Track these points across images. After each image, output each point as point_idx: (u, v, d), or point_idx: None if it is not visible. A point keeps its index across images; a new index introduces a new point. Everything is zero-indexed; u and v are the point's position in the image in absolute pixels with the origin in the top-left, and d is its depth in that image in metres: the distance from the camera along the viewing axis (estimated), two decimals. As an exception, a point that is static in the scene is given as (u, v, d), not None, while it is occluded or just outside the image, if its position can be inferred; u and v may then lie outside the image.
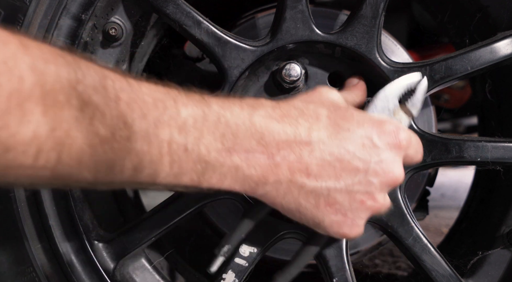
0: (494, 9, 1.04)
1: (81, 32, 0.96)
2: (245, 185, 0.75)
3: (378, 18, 0.95)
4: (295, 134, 0.77)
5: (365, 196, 0.80)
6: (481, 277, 1.07)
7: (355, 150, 0.79)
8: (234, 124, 0.74)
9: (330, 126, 0.79)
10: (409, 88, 0.91)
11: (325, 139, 0.78)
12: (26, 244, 0.96)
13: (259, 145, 0.74)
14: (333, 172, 0.78)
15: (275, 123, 0.76)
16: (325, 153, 0.77)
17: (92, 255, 0.99)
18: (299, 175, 0.77)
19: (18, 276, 0.97)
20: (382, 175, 0.80)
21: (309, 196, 0.78)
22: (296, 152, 0.76)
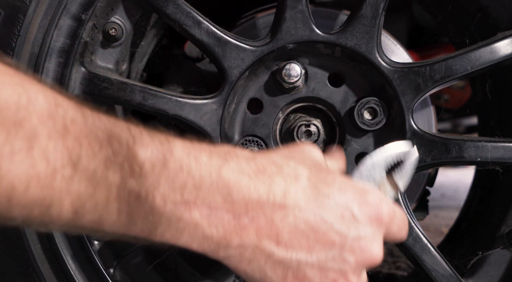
0: (494, 9, 1.04)
1: (81, 32, 0.96)
2: (204, 245, 0.67)
3: (378, 18, 0.95)
4: (268, 194, 0.68)
5: (337, 275, 0.72)
6: (481, 277, 1.07)
7: (333, 220, 0.70)
8: (198, 176, 0.65)
9: (309, 189, 0.71)
10: (398, 159, 0.82)
11: (302, 205, 0.69)
12: (26, 244, 0.96)
13: (225, 202, 0.66)
14: (306, 243, 0.69)
15: (246, 179, 0.68)
16: (299, 220, 0.69)
17: (92, 255, 0.99)
18: (268, 241, 0.68)
19: (18, 276, 0.97)
20: (359, 253, 0.72)
21: (276, 267, 0.70)
22: (267, 215, 0.68)
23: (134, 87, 0.97)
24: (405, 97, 0.97)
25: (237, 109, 1.03)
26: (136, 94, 0.96)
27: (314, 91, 1.02)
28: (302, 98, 1.03)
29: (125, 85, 0.97)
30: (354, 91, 1.02)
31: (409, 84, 0.96)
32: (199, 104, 0.97)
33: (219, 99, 0.97)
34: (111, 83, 0.96)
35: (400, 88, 0.97)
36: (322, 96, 1.02)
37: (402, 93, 0.97)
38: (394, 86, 0.97)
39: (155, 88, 0.98)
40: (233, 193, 0.66)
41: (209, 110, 0.97)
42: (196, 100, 0.97)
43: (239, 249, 0.68)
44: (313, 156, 0.78)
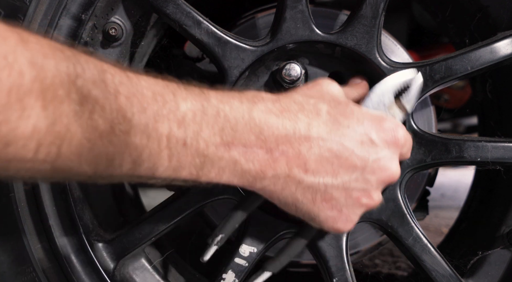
0: (494, 9, 1.04)
1: (81, 32, 0.96)
2: (243, 179, 0.76)
3: (378, 18, 0.95)
4: (294, 129, 0.77)
5: (361, 193, 0.81)
6: (481, 277, 1.07)
7: (354, 147, 0.79)
8: (233, 119, 0.73)
9: (329, 122, 0.79)
10: (404, 85, 0.91)
11: (324, 136, 0.78)
12: (26, 244, 0.96)
13: (258, 139, 0.74)
14: (331, 168, 0.78)
15: (274, 118, 0.76)
16: (323, 149, 0.78)
17: (92, 255, 0.99)
18: (297, 170, 0.77)
19: (18, 276, 0.97)
20: (379, 172, 0.81)
21: (306, 191, 0.79)
22: (295, 147, 0.76)
23: (134, 87, 0.97)
24: (405, 97, 0.96)
25: (237, 109, 1.03)
26: (136, 94, 0.96)
27: (314, 91, 1.02)
28: (302, 98, 1.03)
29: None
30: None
31: (409, 84, 0.96)
32: (199, 104, 0.97)
33: (219, 99, 0.97)
34: (111, 83, 0.96)
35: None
36: (322, 96, 1.02)
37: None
38: (394, 86, 0.96)
39: (155, 88, 0.98)
40: (264, 131, 0.75)
41: (209, 110, 0.97)
42: (196, 100, 0.97)
43: (273, 179, 0.77)
44: (331, 90, 0.85)
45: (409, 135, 0.88)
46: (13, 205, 0.95)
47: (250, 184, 0.77)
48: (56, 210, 0.98)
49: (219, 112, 0.73)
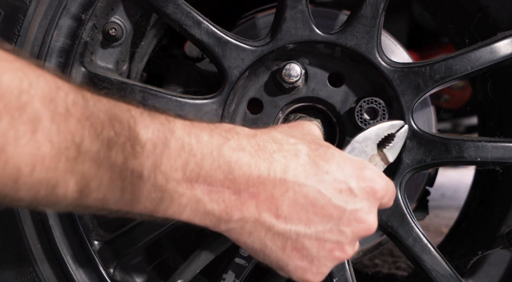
0: (494, 9, 1.04)
1: (81, 32, 0.96)
2: (206, 219, 0.70)
3: (378, 18, 0.95)
4: (269, 171, 0.71)
5: (334, 245, 0.76)
6: (481, 277, 1.07)
7: (331, 195, 0.74)
8: (199, 154, 0.67)
9: (308, 165, 0.74)
10: (388, 132, 0.89)
11: (302, 180, 0.72)
12: (26, 244, 0.96)
13: (226, 179, 0.68)
14: (305, 216, 0.73)
15: (247, 157, 0.70)
16: (299, 195, 0.72)
17: (92, 255, 0.99)
18: (267, 214, 0.71)
19: (18, 276, 0.97)
20: (355, 225, 0.76)
21: (276, 238, 0.73)
22: (267, 190, 0.71)
23: (134, 87, 0.97)
24: (405, 97, 0.97)
25: (237, 109, 1.03)
26: (136, 94, 0.96)
27: (314, 91, 1.02)
28: (302, 98, 1.03)
29: (125, 85, 0.97)
30: (354, 91, 1.02)
31: (409, 84, 0.96)
32: (199, 104, 0.97)
33: (219, 99, 0.97)
34: (111, 83, 0.96)
35: (400, 88, 0.97)
36: (322, 96, 1.02)
37: (402, 93, 0.97)
38: (394, 86, 0.97)
39: (155, 88, 0.98)
40: (234, 171, 0.69)
41: (209, 110, 0.97)
42: (196, 100, 0.97)
43: (240, 222, 0.71)
44: (313, 131, 0.83)
45: (391, 184, 0.83)
46: (13, 205, 0.95)
47: (214, 225, 0.71)
48: (56, 210, 0.98)
49: (183, 146, 0.66)
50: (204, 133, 0.69)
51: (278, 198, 0.71)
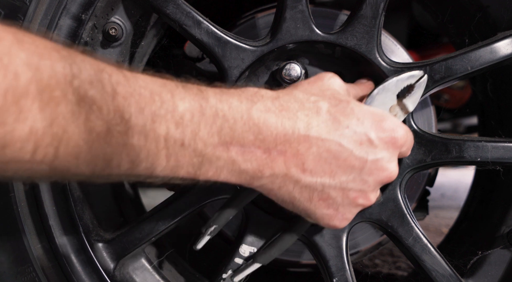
0: (494, 9, 1.04)
1: (81, 32, 0.96)
2: (241, 178, 0.76)
3: (378, 18, 0.95)
4: (293, 129, 0.76)
5: (358, 193, 0.82)
6: (481, 277, 1.07)
7: (353, 147, 0.79)
8: (231, 119, 0.73)
9: (329, 121, 0.79)
10: (408, 83, 0.91)
11: (324, 135, 0.78)
12: (26, 244, 0.96)
13: (256, 139, 0.74)
14: (329, 169, 0.79)
15: (273, 117, 0.76)
16: (322, 149, 0.78)
17: (92, 255, 0.99)
18: (295, 169, 0.77)
19: (18, 276, 0.97)
20: (376, 173, 0.82)
21: (303, 190, 0.79)
22: (293, 147, 0.76)
23: (134, 87, 0.97)
24: (405, 97, 0.97)
25: (237, 109, 1.03)
26: (136, 94, 0.96)
27: (314, 91, 1.02)
28: (302, 98, 1.03)
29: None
30: (354, 91, 1.02)
31: (409, 84, 0.96)
32: (199, 104, 0.97)
33: (219, 99, 0.97)
34: (111, 83, 0.96)
35: (400, 88, 0.96)
36: (322, 96, 1.02)
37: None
38: (394, 86, 0.96)
39: (155, 88, 0.98)
40: (263, 131, 0.74)
41: (209, 110, 0.97)
42: (196, 100, 0.97)
43: (270, 178, 0.77)
44: (333, 85, 0.85)
45: (410, 134, 0.87)
46: (13, 205, 0.95)
47: (248, 182, 0.77)
48: (56, 210, 0.98)
49: (217, 112, 0.72)
50: (234, 99, 0.75)
51: (303, 153, 0.77)
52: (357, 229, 1.17)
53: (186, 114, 0.70)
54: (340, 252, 0.97)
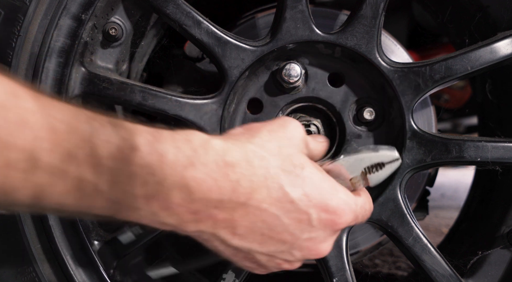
0: (494, 9, 1.04)
1: (81, 32, 0.96)
2: (163, 227, 0.70)
3: (378, 18, 0.95)
4: (231, 196, 0.70)
5: (283, 261, 0.80)
6: (481, 277, 1.07)
7: (290, 224, 0.74)
8: (161, 174, 0.65)
9: (274, 191, 0.73)
10: (380, 162, 0.87)
11: (264, 206, 0.72)
12: (26, 244, 0.96)
13: (184, 200, 0.67)
14: (260, 238, 0.74)
15: (211, 181, 0.68)
16: (258, 219, 0.73)
17: (92, 255, 0.99)
18: (223, 231, 0.72)
19: (18, 276, 0.97)
20: (306, 250, 0.78)
21: (229, 248, 0.75)
22: (227, 212, 0.70)
23: (134, 87, 0.97)
24: (405, 97, 0.97)
25: (237, 109, 1.03)
26: (136, 94, 0.96)
27: (314, 91, 1.02)
28: (302, 98, 1.03)
29: (125, 85, 0.97)
30: (354, 91, 1.02)
31: (409, 84, 0.96)
32: (199, 104, 0.97)
33: (219, 99, 0.97)
34: (111, 83, 0.96)
35: (400, 88, 0.97)
36: (322, 96, 1.02)
37: (402, 93, 0.97)
38: (394, 86, 0.97)
39: (155, 88, 0.98)
40: (195, 194, 0.67)
41: (209, 110, 0.97)
42: (196, 100, 0.97)
43: (196, 232, 0.72)
44: (295, 138, 0.80)
45: (366, 203, 0.85)
46: (13, 205, 0.95)
47: (172, 230, 0.71)
48: (56, 210, 0.98)
49: (146, 164, 0.64)
50: (170, 151, 0.66)
51: (237, 219, 0.72)
52: (357, 229, 1.17)
53: (108, 160, 0.61)
54: (340, 252, 0.97)
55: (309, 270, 1.42)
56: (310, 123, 1.03)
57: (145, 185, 0.64)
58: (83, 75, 0.97)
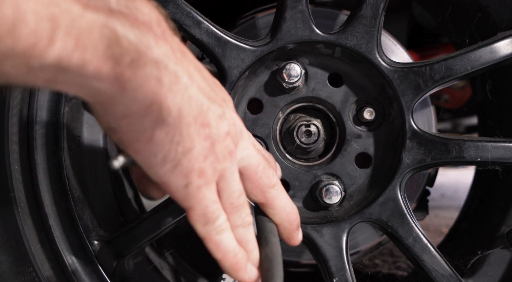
0: (494, 9, 1.04)
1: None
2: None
3: (378, 18, 0.95)
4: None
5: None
6: (481, 277, 1.07)
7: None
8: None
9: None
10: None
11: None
12: (26, 244, 0.96)
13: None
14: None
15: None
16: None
17: (92, 255, 0.99)
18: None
19: (18, 276, 0.97)
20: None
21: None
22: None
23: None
24: (405, 97, 0.97)
25: (237, 109, 1.03)
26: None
27: (314, 91, 1.02)
28: (302, 98, 1.03)
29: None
30: (354, 91, 1.02)
31: (409, 84, 0.96)
32: (199, 104, 0.97)
33: (219, 99, 0.97)
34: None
35: (400, 88, 0.97)
36: (322, 96, 1.02)
37: (402, 93, 0.97)
38: (394, 86, 0.97)
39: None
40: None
41: (209, 110, 0.97)
42: (196, 100, 0.97)
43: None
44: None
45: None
46: (13, 205, 0.95)
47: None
48: (56, 210, 0.98)
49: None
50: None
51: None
52: (357, 229, 1.17)
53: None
54: (340, 252, 0.97)
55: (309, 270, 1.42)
56: (310, 123, 1.03)
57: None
58: (83, 75, 0.97)
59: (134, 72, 0.58)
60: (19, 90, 0.95)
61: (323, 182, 1.02)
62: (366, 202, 1.01)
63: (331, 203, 1.01)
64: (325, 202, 1.01)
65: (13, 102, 0.94)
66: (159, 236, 0.99)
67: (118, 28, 0.57)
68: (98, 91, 0.59)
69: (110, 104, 0.61)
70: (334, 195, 1.01)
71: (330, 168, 1.04)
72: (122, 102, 0.60)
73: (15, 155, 0.95)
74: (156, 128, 0.62)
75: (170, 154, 0.64)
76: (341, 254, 0.97)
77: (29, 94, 0.95)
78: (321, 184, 1.02)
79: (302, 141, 1.02)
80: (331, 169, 1.04)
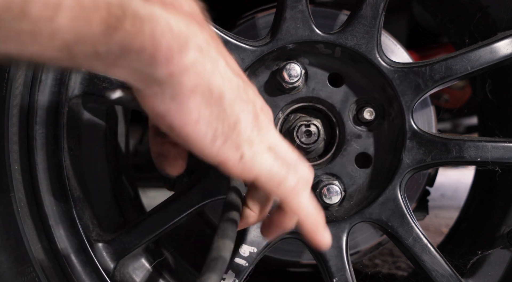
0: (494, 9, 1.04)
1: (81, 32, 0.96)
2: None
3: (378, 18, 0.95)
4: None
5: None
6: (481, 277, 1.07)
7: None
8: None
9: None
10: None
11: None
12: (26, 244, 0.96)
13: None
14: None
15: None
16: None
17: (92, 255, 0.99)
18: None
19: (18, 276, 0.97)
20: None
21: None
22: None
23: (134, 87, 0.97)
24: (405, 97, 0.97)
25: (237, 109, 1.02)
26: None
27: (314, 91, 1.02)
28: (302, 98, 1.03)
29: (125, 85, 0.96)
30: (354, 91, 1.02)
31: (409, 84, 0.96)
32: (199, 104, 0.97)
33: (219, 99, 0.97)
34: (111, 83, 0.96)
35: (400, 88, 0.97)
36: (322, 96, 1.02)
37: (402, 93, 0.97)
38: (394, 86, 0.97)
39: (155, 88, 0.97)
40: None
41: (209, 110, 0.97)
42: (196, 100, 0.97)
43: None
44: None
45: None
46: (13, 205, 0.95)
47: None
48: (56, 210, 0.98)
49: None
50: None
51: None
52: (357, 229, 1.17)
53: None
54: (340, 252, 0.97)
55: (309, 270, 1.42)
56: (310, 123, 1.03)
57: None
58: (83, 75, 0.97)
59: (182, 57, 0.63)
60: (19, 90, 0.95)
61: (323, 182, 1.02)
62: (366, 202, 1.01)
63: (331, 203, 1.01)
64: (325, 202, 1.01)
65: (13, 102, 0.94)
66: (159, 236, 0.99)
67: (171, 18, 0.62)
68: (150, 75, 0.63)
69: (160, 88, 0.64)
70: (334, 195, 1.01)
71: (330, 168, 1.04)
72: (171, 85, 0.64)
73: (15, 155, 0.95)
74: (202, 108, 0.66)
75: (218, 131, 0.68)
76: (341, 254, 0.97)
77: (29, 94, 0.95)
78: (321, 184, 1.02)
79: (302, 141, 1.02)
80: (331, 169, 1.04)
